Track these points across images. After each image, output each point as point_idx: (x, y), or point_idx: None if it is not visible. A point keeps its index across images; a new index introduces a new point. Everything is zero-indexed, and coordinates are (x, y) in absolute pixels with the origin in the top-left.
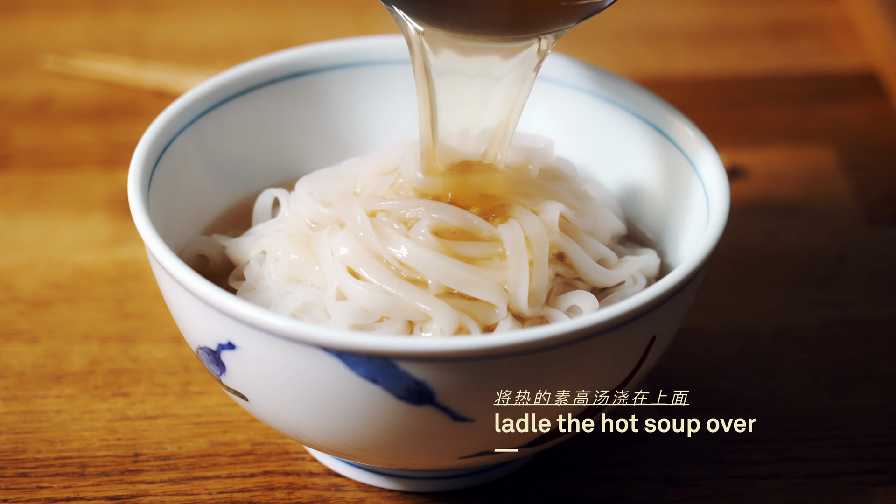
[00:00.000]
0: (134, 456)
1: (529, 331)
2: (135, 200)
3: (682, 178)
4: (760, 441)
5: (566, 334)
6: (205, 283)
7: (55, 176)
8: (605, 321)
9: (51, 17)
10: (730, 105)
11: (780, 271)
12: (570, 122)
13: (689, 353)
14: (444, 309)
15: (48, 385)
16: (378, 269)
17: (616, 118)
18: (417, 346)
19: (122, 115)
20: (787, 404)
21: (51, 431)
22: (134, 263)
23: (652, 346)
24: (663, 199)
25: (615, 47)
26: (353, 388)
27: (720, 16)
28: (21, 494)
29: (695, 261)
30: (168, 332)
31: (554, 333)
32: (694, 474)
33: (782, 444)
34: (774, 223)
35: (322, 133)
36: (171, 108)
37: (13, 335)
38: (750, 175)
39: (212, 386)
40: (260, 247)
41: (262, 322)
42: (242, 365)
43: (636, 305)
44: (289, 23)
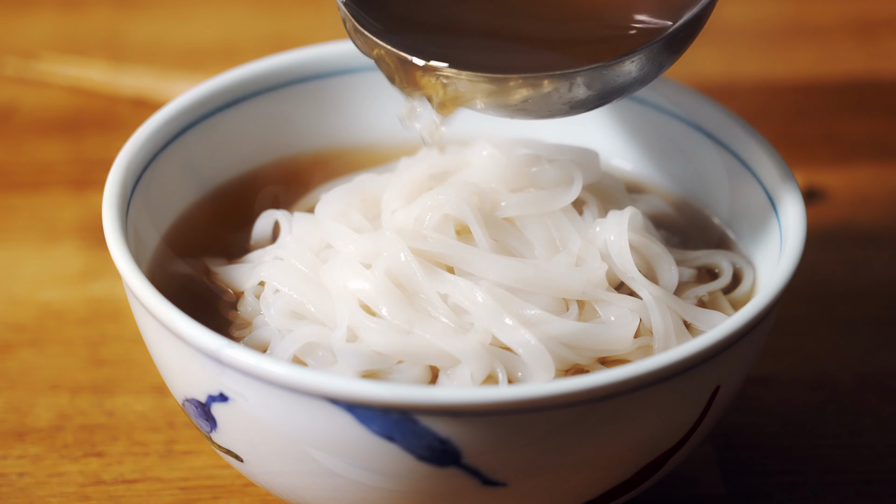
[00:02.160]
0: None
1: (572, 380)
2: (110, 227)
3: (750, 202)
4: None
5: (615, 384)
6: (193, 323)
7: (17, 199)
8: (660, 368)
9: (12, 12)
10: (806, 116)
11: (865, 310)
12: (621, 135)
13: (759, 405)
14: (475, 350)
15: (9, 443)
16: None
17: (674, 131)
18: (441, 397)
19: (96, 127)
20: (873, 465)
21: (12, 498)
22: (109, 301)
23: (715, 397)
24: (729, 226)
25: None
26: (366, 447)
27: (795, 12)
28: None
29: (765, 298)
30: (149, 381)
31: (600, 383)
32: None
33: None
34: (858, 254)
35: (329, 147)
36: (152, 120)
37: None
38: (830, 198)
39: (200, 444)
40: (257, 276)
41: (259, 369)
42: (236, 420)
43: (697, 350)
44: (290, 20)
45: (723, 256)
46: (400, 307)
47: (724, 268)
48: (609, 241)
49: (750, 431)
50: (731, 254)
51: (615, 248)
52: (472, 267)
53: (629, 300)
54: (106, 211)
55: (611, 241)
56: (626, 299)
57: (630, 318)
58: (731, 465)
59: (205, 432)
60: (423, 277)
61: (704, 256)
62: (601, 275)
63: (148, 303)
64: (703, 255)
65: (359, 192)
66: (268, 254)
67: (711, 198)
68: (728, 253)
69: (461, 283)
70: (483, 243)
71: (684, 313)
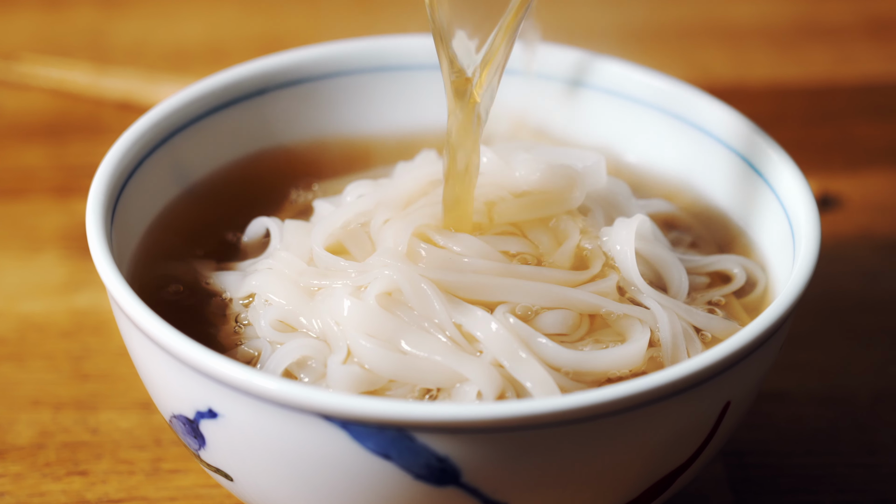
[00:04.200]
0: None
1: (576, 396)
2: (94, 236)
3: (761, 210)
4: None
5: (620, 400)
6: (180, 336)
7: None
8: (667, 384)
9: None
10: (820, 120)
11: (882, 323)
12: (628, 139)
13: (771, 422)
14: (487, 371)
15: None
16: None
17: (682, 135)
18: (439, 413)
19: (79, 131)
20: (890, 485)
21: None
22: (93, 313)
23: (725, 413)
24: (739, 235)
25: (682, 49)
26: (361, 466)
27: (808, 12)
28: None
29: (777, 310)
30: (135, 396)
31: (605, 399)
32: None
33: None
34: (875, 264)
35: (322, 153)
36: (138, 124)
37: None
38: (845, 205)
39: (188, 463)
40: (248, 287)
41: (250, 384)
42: (226, 437)
43: (706, 365)
44: (280, 21)
45: (735, 262)
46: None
47: (736, 273)
48: (616, 250)
49: (762, 449)
50: (743, 258)
51: (622, 258)
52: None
53: (640, 310)
54: (90, 219)
55: (617, 250)
56: (637, 310)
57: (641, 333)
58: (742, 484)
59: (193, 450)
60: (441, 306)
61: (716, 262)
62: (612, 285)
63: (133, 315)
64: (714, 261)
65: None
66: (258, 263)
67: (721, 206)
68: (740, 258)
69: (477, 312)
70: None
71: (695, 321)
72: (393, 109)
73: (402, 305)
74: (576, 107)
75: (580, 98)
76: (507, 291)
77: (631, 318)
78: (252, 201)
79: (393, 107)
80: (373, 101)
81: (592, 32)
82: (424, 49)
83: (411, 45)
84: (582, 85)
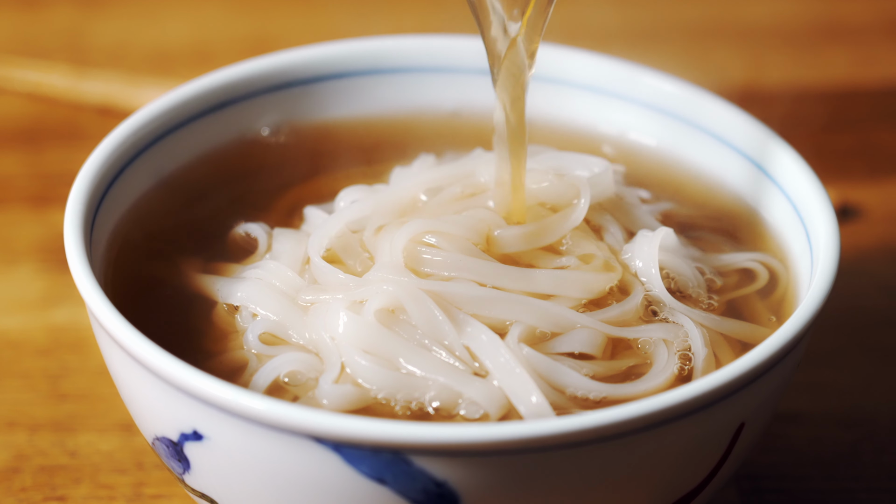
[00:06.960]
0: None
1: (582, 417)
2: (73, 249)
3: (777, 221)
4: None
5: (629, 421)
6: (164, 354)
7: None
8: (678, 404)
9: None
10: (840, 125)
11: None
12: (639, 144)
13: (788, 445)
14: (497, 396)
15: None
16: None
17: (695, 140)
18: (437, 435)
19: (57, 138)
20: None
21: None
22: (72, 329)
23: (739, 435)
24: (753, 247)
25: (694, 50)
26: (355, 491)
27: (827, 12)
28: None
29: (794, 327)
30: (116, 418)
31: (613, 420)
32: None
33: None
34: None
35: (311, 157)
36: (119, 130)
37: None
38: (866, 215)
39: (172, 488)
40: (235, 297)
41: (237, 404)
42: (211, 460)
43: (719, 384)
44: (267, 21)
45: (754, 261)
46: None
47: (759, 271)
48: (639, 267)
49: (777, 473)
50: (764, 255)
51: (647, 274)
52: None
53: (664, 329)
54: (68, 230)
55: (639, 267)
56: (661, 328)
57: (667, 359)
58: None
59: (177, 474)
60: (449, 328)
61: (735, 262)
62: (637, 303)
63: (114, 332)
64: (733, 262)
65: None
66: (246, 272)
67: (735, 216)
68: (761, 255)
69: (484, 335)
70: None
71: (723, 329)
72: (386, 113)
73: (403, 322)
74: (584, 109)
75: (589, 101)
76: (518, 311)
77: (655, 339)
78: (238, 206)
79: (386, 110)
80: (366, 104)
81: (604, 33)
82: (418, 51)
83: (404, 46)
84: (591, 88)
